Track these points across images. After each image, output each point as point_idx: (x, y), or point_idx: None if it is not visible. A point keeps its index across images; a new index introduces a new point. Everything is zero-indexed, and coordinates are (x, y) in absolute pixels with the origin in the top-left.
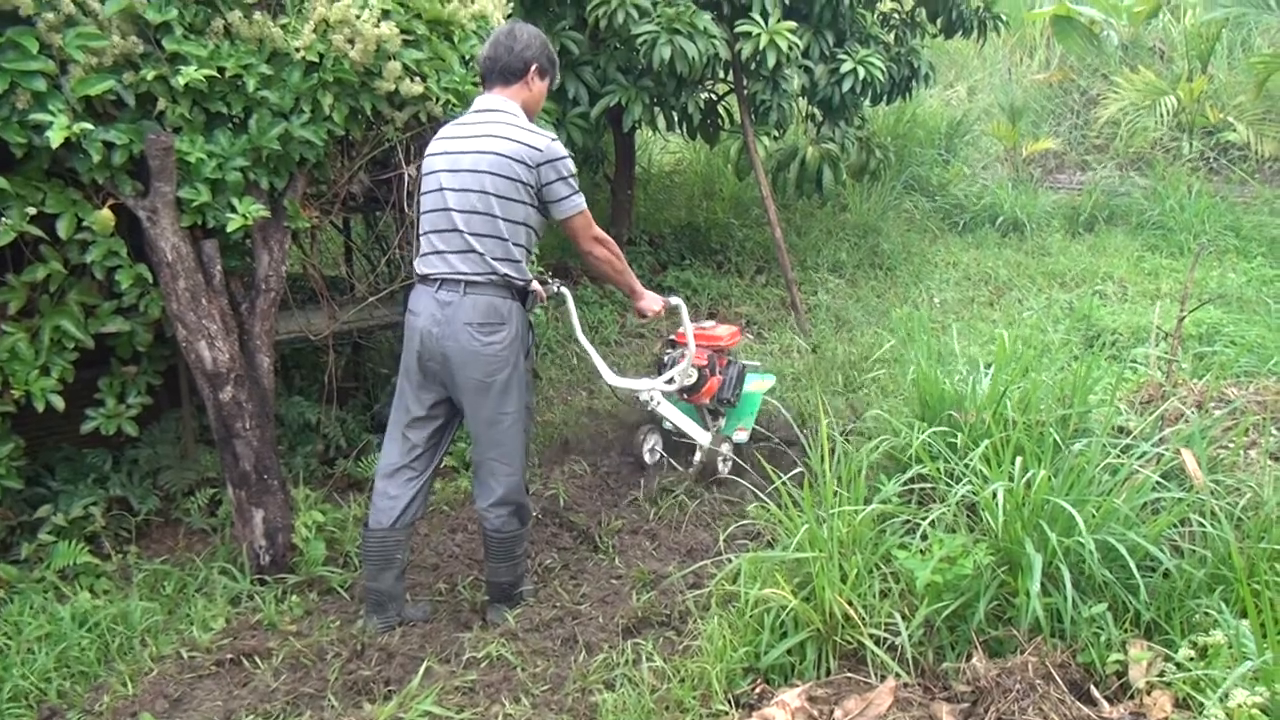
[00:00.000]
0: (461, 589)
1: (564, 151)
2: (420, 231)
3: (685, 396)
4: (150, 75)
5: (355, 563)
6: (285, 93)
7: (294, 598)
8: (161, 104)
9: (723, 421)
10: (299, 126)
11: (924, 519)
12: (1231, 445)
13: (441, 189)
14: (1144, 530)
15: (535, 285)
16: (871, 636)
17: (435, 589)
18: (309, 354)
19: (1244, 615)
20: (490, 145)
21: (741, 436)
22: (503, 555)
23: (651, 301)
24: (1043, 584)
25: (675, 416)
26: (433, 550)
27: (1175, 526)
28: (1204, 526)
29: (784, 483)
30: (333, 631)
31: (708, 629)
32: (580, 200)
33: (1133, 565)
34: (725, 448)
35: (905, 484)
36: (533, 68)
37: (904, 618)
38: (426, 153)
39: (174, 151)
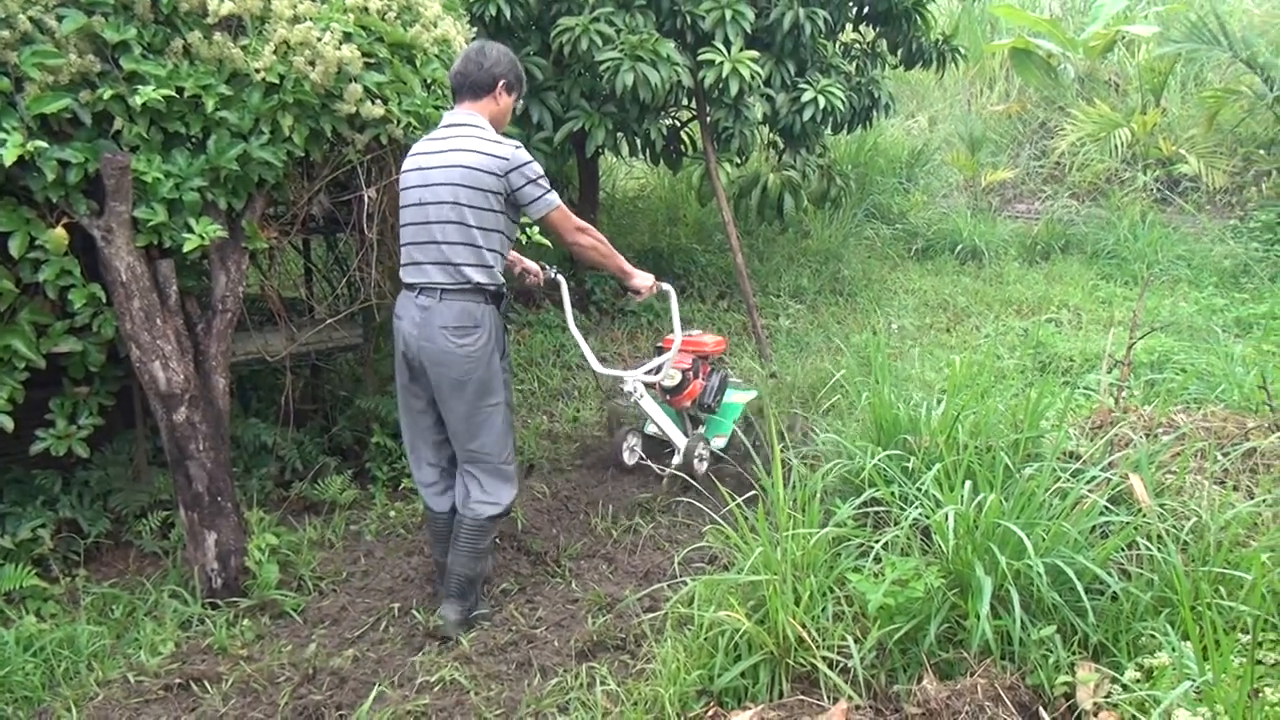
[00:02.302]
0: (416, 612)
1: (528, 156)
2: (401, 243)
3: (667, 398)
4: (107, 94)
5: (309, 586)
6: (245, 113)
7: (245, 622)
8: (118, 123)
9: (703, 429)
10: (258, 147)
11: (877, 542)
12: (1178, 470)
13: (420, 203)
14: (1092, 554)
15: (528, 264)
16: (824, 659)
17: (389, 611)
18: (266, 375)
19: (1187, 637)
20: (459, 159)
21: (720, 444)
22: (468, 545)
23: (643, 279)
24: (993, 606)
25: (656, 414)
26: (388, 573)
27: (1123, 550)
28: (1150, 550)
29: (739, 506)
30: (284, 656)
31: (662, 652)
32: (554, 197)
33: (1081, 588)
34: (705, 450)
35: (859, 507)
36: (500, 83)
37: (856, 640)
38: (403, 169)
39: (130, 171)
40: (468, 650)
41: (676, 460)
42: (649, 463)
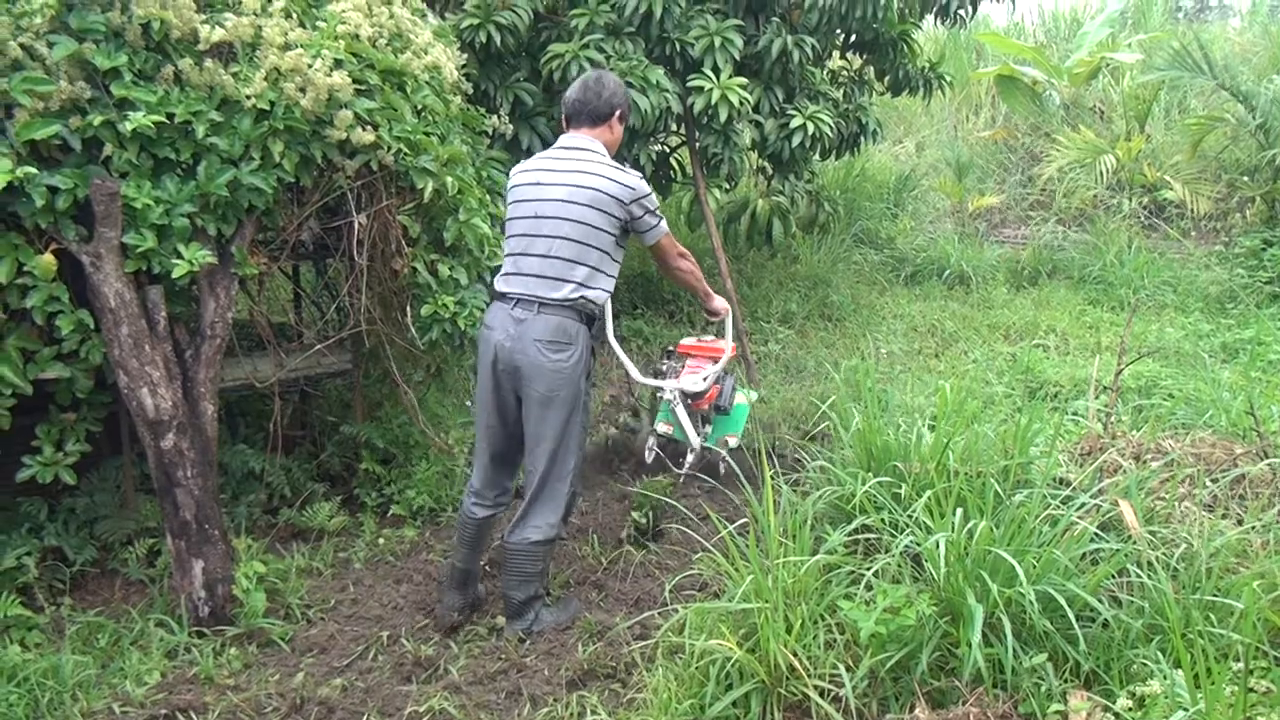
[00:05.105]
0: (405, 641)
1: (649, 188)
2: (506, 252)
3: (690, 402)
4: (97, 120)
5: (297, 614)
6: (235, 140)
7: (233, 650)
8: (108, 149)
9: (709, 429)
10: (248, 174)
11: (868, 569)
12: (1167, 497)
13: (536, 216)
14: (1083, 581)
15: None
16: (816, 688)
17: (378, 640)
18: (255, 401)
19: (1179, 665)
20: (588, 181)
21: (734, 443)
22: (516, 570)
23: (721, 303)
24: (984, 634)
25: (684, 419)
26: (377, 601)
27: (1113, 577)
28: (1141, 577)
29: (730, 533)
30: (272, 685)
31: (653, 681)
32: (665, 225)
33: (1072, 616)
34: (724, 451)
35: (850, 534)
36: (616, 113)
37: (848, 669)
38: (512, 183)
39: (119, 197)
40: (457, 679)
41: (691, 459)
42: (668, 462)
